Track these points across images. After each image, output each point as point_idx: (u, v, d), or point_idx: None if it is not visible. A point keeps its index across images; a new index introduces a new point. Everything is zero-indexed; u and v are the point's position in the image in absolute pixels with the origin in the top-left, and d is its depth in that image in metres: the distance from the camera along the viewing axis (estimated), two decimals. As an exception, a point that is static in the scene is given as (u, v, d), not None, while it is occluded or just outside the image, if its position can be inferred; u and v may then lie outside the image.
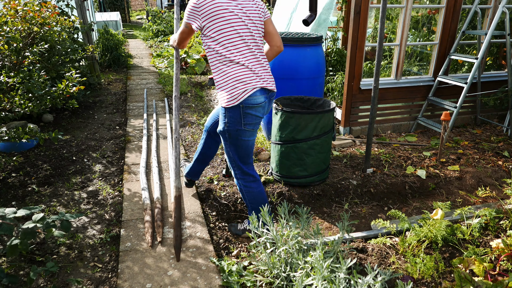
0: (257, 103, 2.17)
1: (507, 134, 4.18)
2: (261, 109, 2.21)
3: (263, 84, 2.18)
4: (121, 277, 2.14)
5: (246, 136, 2.24)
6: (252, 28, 2.17)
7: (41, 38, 3.95)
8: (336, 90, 4.52)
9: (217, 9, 2.09)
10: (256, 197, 2.40)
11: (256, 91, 2.15)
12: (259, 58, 2.21)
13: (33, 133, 2.83)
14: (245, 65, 2.15)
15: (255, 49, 2.20)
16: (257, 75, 2.17)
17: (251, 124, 2.21)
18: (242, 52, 2.15)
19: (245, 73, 2.15)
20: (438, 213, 2.34)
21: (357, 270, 2.03)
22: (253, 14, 2.18)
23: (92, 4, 8.57)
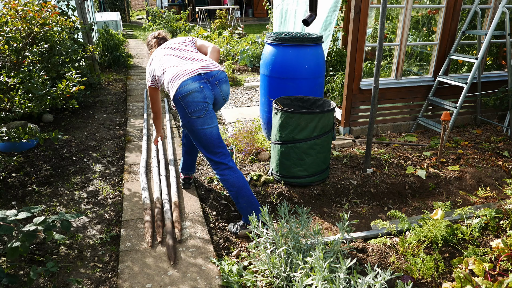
0: (190, 89, 2.30)
1: (507, 134, 4.18)
2: (199, 94, 2.32)
3: (191, 73, 2.34)
4: (121, 277, 2.14)
5: (198, 124, 2.36)
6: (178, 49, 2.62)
7: (41, 38, 3.95)
8: (336, 90, 4.52)
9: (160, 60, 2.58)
10: (234, 184, 2.42)
11: (184, 80, 2.31)
12: (186, 58, 2.50)
13: (33, 133, 2.83)
14: (170, 67, 2.44)
15: (182, 56, 2.53)
16: (184, 69, 2.38)
17: (196, 111, 2.33)
18: (167, 64, 2.49)
19: (171, 73, 2.40)
20: (438, 213, 2.34)
21: (357, 270, 2.03)
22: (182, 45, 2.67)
23: (92, 4, 8.57)
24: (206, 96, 2.35)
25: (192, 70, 2.36)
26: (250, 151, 3.62)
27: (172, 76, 2.37)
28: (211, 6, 14.14)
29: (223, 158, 2.44)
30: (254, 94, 5.92)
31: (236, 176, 2.43)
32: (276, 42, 3.40)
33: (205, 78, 2.36)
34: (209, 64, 2.45)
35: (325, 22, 4.15)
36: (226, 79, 2.48)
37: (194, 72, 2.35)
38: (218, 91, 2.43)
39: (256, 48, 7.78)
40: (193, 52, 2.59)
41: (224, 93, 2.48)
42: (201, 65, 2.42)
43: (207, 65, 2.43)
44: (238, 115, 4.91)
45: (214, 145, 2.42)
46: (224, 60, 8.06)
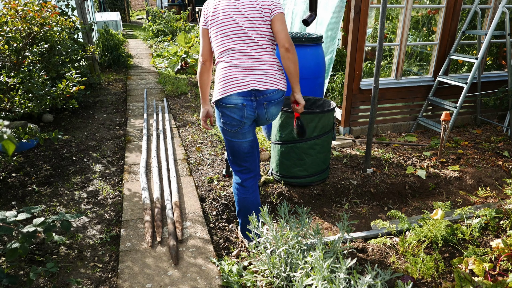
0: (231, 103, 2.06)
1: (507, 134, 4.18)
2: (237, 111, 2.06)
3: (242, 87, 2.04)
4: (121, 277, 2.14)
5: (227, 135, 2.18)
6: (247, 27, 2.05)
7: (41, 38, 3.95)
8: (336, 90, 4.52)
9: (215, 10, 2.10)
10: (240, 201, 2.34)
11: (230, 94, 2.04)
12: (252, 58, 2.07)
13: (33, 133, 2.83)
14: (230, 65, 2.08)
15: (249, 49, 2.06)
16: (237, 77, 2.06)
17: (229, 124, 2.12)
18: (228, 53, 2.08)
19: (224, 67, 2.09)
20: (438, 213, 2.34)
21: (357, 270, 2.03)
22: (250, 13, 2.05)
23: (92, 4, 8.58)
24: (245, 116, 2.08)
25: (246, 84, 2.03)
26: (250, 151, 3.62)
27: (222, 73, 2.07)
28: (211, 6, 14.10)
29: (244, 173, 2.27)
30: (254, 94, 5.91)
31: (246, 197, 2.30)
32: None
33: (254, 95, 2.05)
34: (268, 78, 2.06)
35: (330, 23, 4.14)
36: (278, 101, 2.13)
37: (247, 86, 2.03)
38: (263, 111, 2.12)
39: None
40: (258, 47, 2.07)
41: (270, 115, 2.16)
42: (259, 78, 2.04)
43: (265, 80, 2.05)
44: (238, 115, 4.90)
45: (240, 159, 2.24)
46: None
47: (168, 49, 8.34)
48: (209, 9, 2.14)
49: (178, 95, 5.65)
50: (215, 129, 4.34)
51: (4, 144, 1.13)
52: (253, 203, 2.33)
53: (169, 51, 7.93)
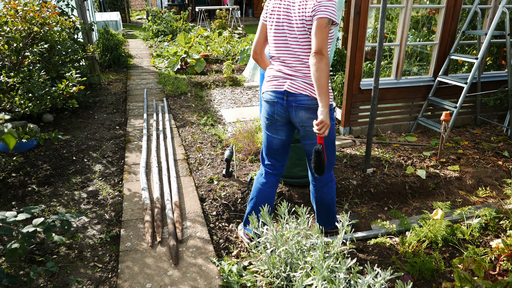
0: (266, 98, 2.25)
1: (507, 134, 4.18)
2: (270, 106, 2.22)
3: (277, 86, 2.18)
4: (121, 277, 2.14)
5: (264, 126, 2.35)
6: (287, 27, 2.11)
7: (41, 38, 3.95)
8: (336, 90, 4.52)
9: (273, 11, 2.18)
10: (255, 188, 2.45)
11: (267, 91, 2.23)
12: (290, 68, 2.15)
13: (33, 133, 2.83)
14: (274, 69, 2.23)
15: (289, 60, 2.15)
16: (276, 76, 2.19)
17: (264, 116, 2.30)
18: (274, 59, 2.24)
19: (269, 74, 2.25)
20: (438, 213, 2.34)
21: (357, 270, 2.03)
22: (294, 13, 2.06)
23: (92, 4, 8.58)
24: (275, 112, 2.21)
25: (281, 85, 2.16)
26: (250, 151, 3.62)
27: (267, 73, 2.26)
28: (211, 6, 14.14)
29: (268, 168, 2.41)
30: (254, 94, 5.92)
31: (262, 188, 2.41)
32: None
33: (286, 95, 2.16)
34: (301, 84, 2.12)
35: None
36: (308, 106, 2.15)
37: (281, 86, 2.15)
38: (292, 113, 2.18)
39: (256, 48, 7.76)
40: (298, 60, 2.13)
41: (298, 118, 2.19)
42: (292, 82, 2.13)
43: (297, 85, 2.12)
44: (238, 115, 4.91)
45: (269, 153, 2.37)
46: (224, 60, 8.06)
47: (168, 49, 8.34)
48: (269, 6, 2.20)
49: (178, 95, 5.65)
50: (215, 129, 4.34)
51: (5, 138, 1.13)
52: (267, 197, 2.43)
53: (169, 51, 7.93)
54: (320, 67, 1.97)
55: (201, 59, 7.22)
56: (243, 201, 2.90)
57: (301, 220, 2.14)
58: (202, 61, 7.20)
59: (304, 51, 2.10)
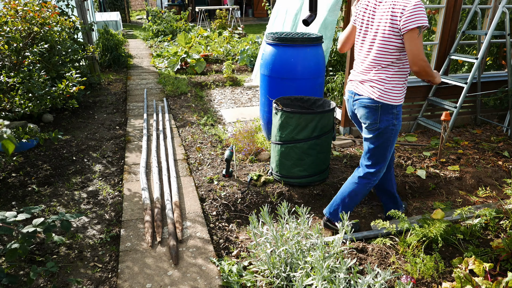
0: (345, 98, 2.55)
1: (507, 134, 4.18)
2: (347, 102, 2.53)
3: (349, 85, 2.47)
4: (121, 277, 2.14)
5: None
6: (369, 48, 2.28)
7: (41, 38, 3.95)
8: (336, 90, 4.52)
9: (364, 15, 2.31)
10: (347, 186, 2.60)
11: (347, 88, 2.50)
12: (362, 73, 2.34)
13: (33, 133, 2.83)
14: (353, 69, 2.47)
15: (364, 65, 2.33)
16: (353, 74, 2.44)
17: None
18: (355, 60, 2.46)
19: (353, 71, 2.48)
20: (438, 213, 2.34)
21: (357, 270, 2.03)
22: (380, 31, 2.18)
23: (92, 4, 8.57)
24: (349, 108, 2.52)
25: (350, 83, 2.45)
26: (250, 151, 3.62)
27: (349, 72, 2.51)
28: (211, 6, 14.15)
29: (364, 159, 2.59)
30: (254, 94, 5.92)
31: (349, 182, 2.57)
32: (276, 42, 3.40)
33: (353, 94, 2.42)
34: (365, 87, 2.31)
35: (324, 22, 4.14)
36: (366, 105, 2.30)
37: (351, 86, 2.44)
38: (355, 111, 2.45)
39: (256, 48, 7.78)
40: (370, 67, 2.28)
41: (360, 114, 2.39)
42: (358, 84, 2.36)
43: (361, 87, 2.34)
44: (238, 115, 4.91)
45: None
46: (224, 60, 8.07)
47: (168, 49, 8.34)
48: (360, 8, 2.32)
49: (178, 95, 5.65)
50: (215, 129, 4.34)
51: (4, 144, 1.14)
52: (348, 187, 2.55)
53: (169, 51, 7.93)
54: (425, 75, 2.15)
55: (201, 59, 7.22)
56: (243, 201, 2.90)
57: (301, 220, 2.14)
58: (202, 61, 7.20)
59: (379, 61, 2.24)
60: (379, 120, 2.30)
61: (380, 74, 2.25)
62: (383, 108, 2.27)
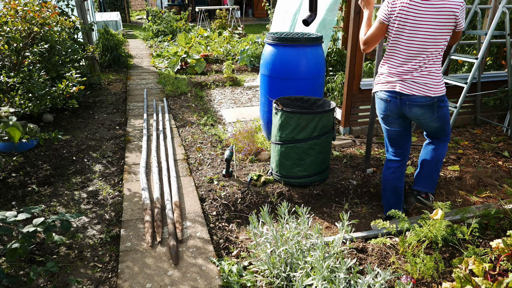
0: (378, 96, 2.49)
1: (507, 134, 4.18)
2: (383, 103, 2.44)
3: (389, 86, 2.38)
4: (121, 277, 2.14)
5: (382, 122, 2.58)
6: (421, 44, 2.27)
7: (41, 38, 3.95)
8: (336, 90, 4.52)
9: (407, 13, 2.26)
10: (382, 178, 2.70)
11: (380, 90, 2.44)
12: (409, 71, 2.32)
13: (33, 133, 2.83)
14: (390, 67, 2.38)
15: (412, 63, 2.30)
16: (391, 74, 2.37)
17: (378, 111, 2.54)
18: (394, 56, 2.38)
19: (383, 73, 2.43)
20: (438, 213, 2.34)
21: (357, 270, 2.03)
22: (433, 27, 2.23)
23: (92, 4, 8.58)
24: (388, 109, 2.44)
25: (393, 84, 2.36)
26: (250, 151, 3.62)
27: (381, 71, 2.41)
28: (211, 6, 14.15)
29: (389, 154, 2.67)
30: (254, 94, 5.92)
31: (385, 175, 2.65)
32: (276, 42, 3.40)
33: (399, 95, 2.37)
34: (422, 84, 2.31)
35: (322, 21, 4.14)
36: (423, 104, 2.34)
37: (393, 87, 2.36)
38: (406, 110, 2.40)
39: (256, 48, 7.78)
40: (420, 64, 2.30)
41: (413, 114, 2.40)
42: (410, 82, 2.32)
43: (415, 86, 2.31)
44: (238, 115, 4.91)
45: (389, 142, 2.63)
46: (224, 60, 8.07)
47: (168, 49, 8.34)
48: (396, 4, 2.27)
49: (178, 95, 5.65)
50: (215, 129, 4.34)
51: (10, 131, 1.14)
52: (389, 183, 2.65)
53: (169, 51, 7.93)
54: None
55: (201, 59, 7.22)
56: (243, 201, 2.90)
57: (301, 220, 2.14)
58: (202, 61, 7.20)
59: (429, 57, 2.28)
60: (436, 111, 2.39)
61: (428, 74, 2.31)
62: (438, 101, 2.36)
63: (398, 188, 2.67)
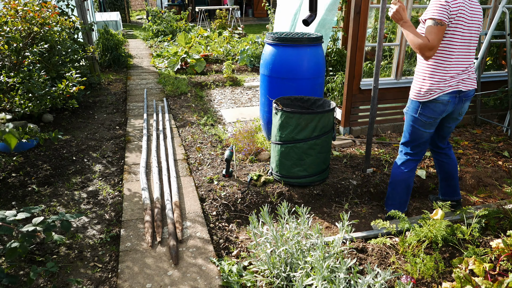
0: (438, 99, 2.39)
1: (507, 134, 4.18)
2: (441, 106, 2.40)
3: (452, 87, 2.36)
4: (121, 277, 2.14)
5: (422, 126, 2.50)
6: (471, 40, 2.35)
7: (41, 38, 3.95)
8: (336, 90, 4.52)
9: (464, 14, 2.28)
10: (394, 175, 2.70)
11: (441, 95, 2.36)
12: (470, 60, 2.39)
13: (33, 133, 2.83)
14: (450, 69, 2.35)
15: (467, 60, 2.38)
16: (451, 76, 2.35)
17: (426, 116, 2.45)
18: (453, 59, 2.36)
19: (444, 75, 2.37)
20: (438, 213, 2.34)
21: (357, 270, 2.03)
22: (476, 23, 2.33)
23: (92, 4, 8.57)
24: (445, 111, 2.42)
25: (456, 84, 2.35)
26: (250, 151, 3.62)
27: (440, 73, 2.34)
28: (211, 6, 14.15)
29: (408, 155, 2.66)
30: (254, 94, 5.92)
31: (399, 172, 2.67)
32: (276, 42, 3.40)
33: (458, 94, 2.38)
34: (473, 78, 2.40)
35: (322, 21, 4.14)
36: (471, 97, 2.46)
37: (457, 87, 2.35)
38: (459, 107, 2.44)
39: (256, 48, 7.78)
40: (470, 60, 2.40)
41: (463, 110, 2.48)
42: (466, 79, 2.38)
43: (470, 81, 2.39)
44: (238, 115, 4.91)
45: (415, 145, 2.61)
46: (224, 60, 8.07)
47: (168, 49, 8.34)
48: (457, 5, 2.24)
49: (178, 95, 5.65)
50: (215, 129, 4.34)
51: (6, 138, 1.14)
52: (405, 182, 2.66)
53: (169, 51, 7.93)
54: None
55: (201, 59, 7.22)
56: (243, 201, 2.90)
57: (301, 220, 2.14)
58: (202, 61, 7.20)
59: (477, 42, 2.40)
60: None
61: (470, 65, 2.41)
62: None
63: (411, 185, 2.72)
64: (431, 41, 2.23)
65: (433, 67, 2.36)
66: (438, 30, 2.23)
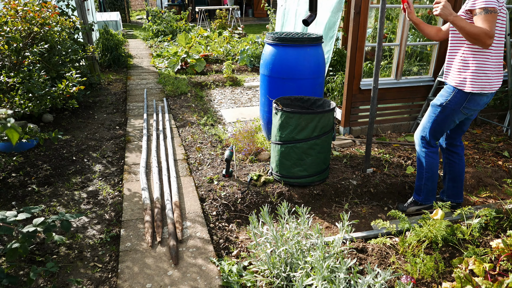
0: (486, 95, 2.44)
1: (507, 134, 4.18)
2: (485, 99, 2.46)
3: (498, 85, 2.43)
4: (121, 277, 2.14)
5: (457, 116, 2.54)
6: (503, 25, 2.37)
7: (41, 38, 3.95)
8: (336, 90, 4.52)
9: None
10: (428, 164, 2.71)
11: (492, 92, 2.44)
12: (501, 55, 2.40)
13: (33, 133, 2.83)
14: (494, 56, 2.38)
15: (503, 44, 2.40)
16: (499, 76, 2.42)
17: (476, 109, 2.51)
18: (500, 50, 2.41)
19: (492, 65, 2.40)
20: (438, 213, 2.34)
21: (357, 270, 2.03)
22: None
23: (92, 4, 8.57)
24: (485, 103, 2.50)
25: (499, 82, 2.42)
26: (250, 151, 3.62)
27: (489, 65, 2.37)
28: (211, 6, 14.15)
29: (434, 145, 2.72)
30: (254, 94, 5.92)
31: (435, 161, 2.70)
32: (276, 42, 3.40)
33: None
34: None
35: (328, 23, 4.14)
36: None
37: (499, 84, 2.43)
38: (489, 99, 2.50)
39: (256, 48, 7.78)
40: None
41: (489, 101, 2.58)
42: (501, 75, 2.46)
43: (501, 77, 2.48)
44: (238, 115, 4.91)
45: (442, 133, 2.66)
46: (224, 60, 8.06)
47: (168, 49, 8.34)
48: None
49: (178, 95, 5.65)
50: (215, 129, 4.34)
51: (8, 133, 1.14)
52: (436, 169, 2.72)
53: (169, 51, 7.93)
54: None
55: (201, 59, 7.22)
56: (243, 201, 2.90)
57: (301, 220, 2.14)
58: (202, 61, 7.20)
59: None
60: None
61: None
62: None
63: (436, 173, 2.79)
64: (490, 28, 2.25)
65: (479, 57, 2.37)
66: (492, 17, 2.25)
